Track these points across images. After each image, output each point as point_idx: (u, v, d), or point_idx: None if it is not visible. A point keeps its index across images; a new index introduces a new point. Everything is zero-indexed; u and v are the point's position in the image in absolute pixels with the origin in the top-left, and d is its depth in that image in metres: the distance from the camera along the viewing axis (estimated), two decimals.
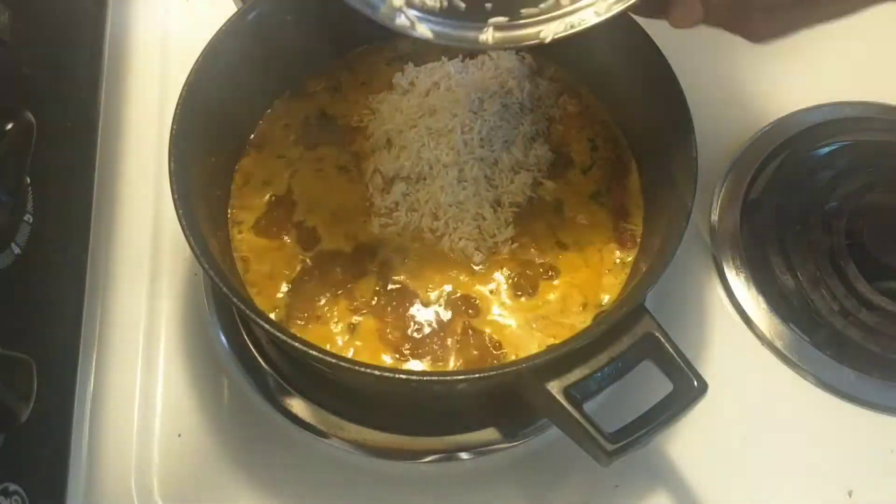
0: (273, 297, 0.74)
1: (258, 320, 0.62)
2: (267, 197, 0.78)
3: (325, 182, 0.79)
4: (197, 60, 0.71)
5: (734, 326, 0.82)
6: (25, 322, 0.69)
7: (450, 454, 0.76)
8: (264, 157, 0.81)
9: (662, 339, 0.62)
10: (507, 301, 0.73)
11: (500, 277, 0.74)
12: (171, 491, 0.74)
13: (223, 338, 0.80)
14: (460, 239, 0.75)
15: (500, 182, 0.77)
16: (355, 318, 0.72)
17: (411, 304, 0.73)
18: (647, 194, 0.78)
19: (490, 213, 0.76)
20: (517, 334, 0.72)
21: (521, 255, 0.76)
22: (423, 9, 0.63)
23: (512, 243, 0.76)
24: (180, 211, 0.65)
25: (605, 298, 0.74)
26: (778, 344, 0.81)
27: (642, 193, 0.79)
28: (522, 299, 0.74)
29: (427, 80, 0.81)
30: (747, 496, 0.76)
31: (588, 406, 0.60)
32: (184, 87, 0.70)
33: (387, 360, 0.71)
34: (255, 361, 0.79)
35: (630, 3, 0.59)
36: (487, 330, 0.72)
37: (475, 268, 0.75)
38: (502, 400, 0.76)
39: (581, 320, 0.73)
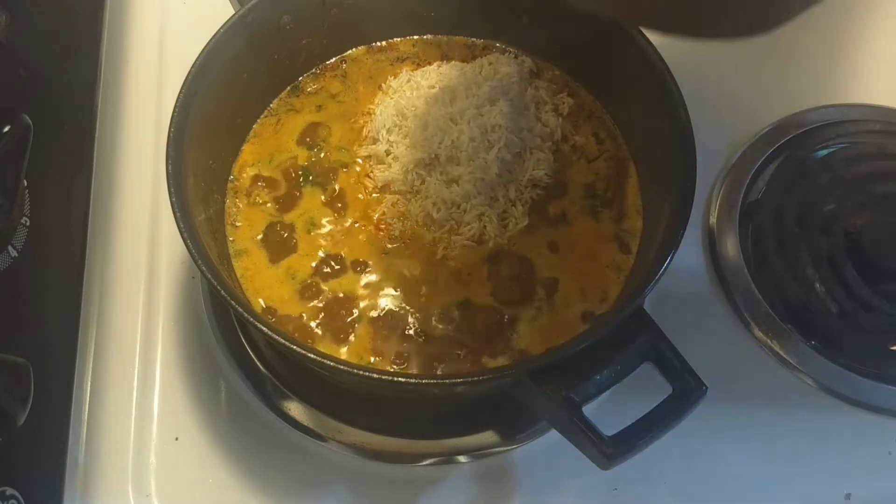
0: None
1: (256, 323, 0.61)
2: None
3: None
4: (194, 63, 0.71)
5: (733, 329, 0.82)
6: (22, 325, 0.69)
7: (448, 457, 0.76)
8: (259, 150, 0.81)
9: (661, 341, 0.62)
10: (506, 304, 0.73)
11: (497, 280, 0.74)
12: (169, 494, 0.74)
13: (221, 341, 0.80)
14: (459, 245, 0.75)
15: (516, 169, 0.77)
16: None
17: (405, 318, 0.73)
18: (647, 196, 0.78)
19: (506, 202, 0.76)
20: (517, 337, 0.72)
21: (519, 255, 0.75)
22: None
23: (512, 245, 0.76)
24: (177, 213, 0.65)
25: (604, 302, 0.74)
26: (777, 346, 0.81)
27: (641, 195, 0.79)
28: (520, 301, 0.74)
29: (424, 82, 0.81)
30: (745, 499, 0.76)
31: (587, 409, 0.60)
32: (181, 89, 0.69)
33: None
34: (253, 364, 0.79)
35: None
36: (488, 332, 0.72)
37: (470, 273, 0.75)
38: (501, 403, 0.76)
39: (580, 323, 0.73)
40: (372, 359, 0.71)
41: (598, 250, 0.76)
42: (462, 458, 0.76)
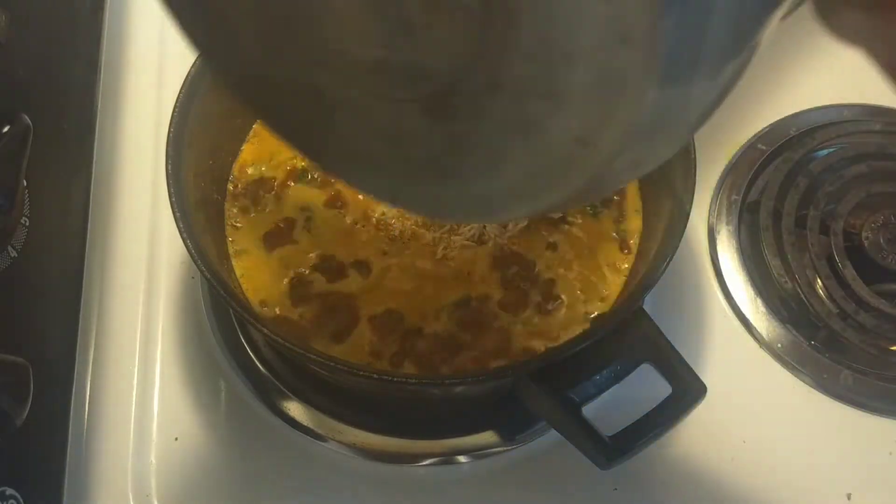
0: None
1: (256, 324, 0.61)
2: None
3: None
4: (194, 63, 0.71)
5: (732, 329, 0.82)
6: (22, 326, 0.69)
7: (448, 457, 0.76)
8: (259, 150, 0.80)
9: (661, 341, 0.62)
10: (506, 304, 0.73)
11: (497, 280, 0.74)
12: (169, 494, 0.74)
13: (221, 341, 0.80)
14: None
15: None
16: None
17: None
18: (645, 197, 0.78)
19: None
20: (516, 337, 0.72)
21: (519, 255, 0.75)
22: None
23: (512, 244, 0.76)
24: (177, 213, 0.65)
25: (603, 301, 0.74)
26: (776, 346, 0.81)
27: (641, 195, 0.79)
28: (519, 301, 0.74)
29: None
30: (745, 499, 0.76)
31: (587, 409, 0.60)
32: (181, 89, 0.69)
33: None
34: (253, 365, 0.79)
35: None
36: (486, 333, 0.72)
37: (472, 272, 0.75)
38: (501, 403, 0.76)
39: (579, 323, 0.73)
40: (371, 359, 0.71)
41: (597, 250, 0.76)
42: (462, 458, 0.76)
